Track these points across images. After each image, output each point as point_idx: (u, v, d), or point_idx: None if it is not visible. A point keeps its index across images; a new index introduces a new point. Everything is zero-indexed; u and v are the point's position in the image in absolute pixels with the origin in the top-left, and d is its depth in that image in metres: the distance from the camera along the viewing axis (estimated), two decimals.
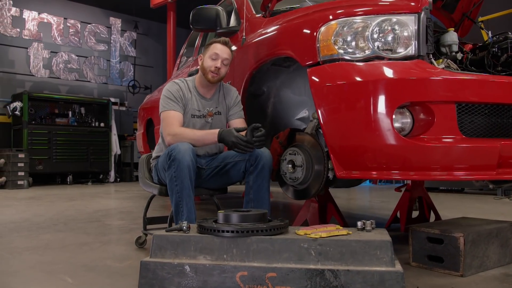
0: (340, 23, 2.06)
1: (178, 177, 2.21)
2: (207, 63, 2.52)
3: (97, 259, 2.40)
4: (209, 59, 2.51)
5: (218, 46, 2.52)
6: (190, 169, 2.21)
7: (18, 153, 7.48)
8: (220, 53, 2.50)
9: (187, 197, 2.23)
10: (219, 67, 2.49)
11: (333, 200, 3.00)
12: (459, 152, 1.87)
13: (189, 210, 2.24)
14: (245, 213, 1.81)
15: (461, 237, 2.00)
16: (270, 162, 2.39)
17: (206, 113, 2.59)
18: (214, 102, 2.63)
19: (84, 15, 9.55)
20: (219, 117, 2.64)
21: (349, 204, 5.34)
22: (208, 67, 2.51)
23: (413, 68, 1.92)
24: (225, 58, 2.51)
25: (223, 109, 2.65)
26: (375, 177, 2.02)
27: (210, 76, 2.52)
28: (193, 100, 2.56)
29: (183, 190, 2.22)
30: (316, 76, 2.10)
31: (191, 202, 2.24)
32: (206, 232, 1.76)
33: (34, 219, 3.88)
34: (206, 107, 2.59)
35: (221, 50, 2.50)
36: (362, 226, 1.82)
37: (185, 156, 2.19)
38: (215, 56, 2.50)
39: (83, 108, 9.00)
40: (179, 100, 2.51)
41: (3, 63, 8.43)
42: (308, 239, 1.65)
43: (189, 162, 2.20)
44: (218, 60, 2.49)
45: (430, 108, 1.86)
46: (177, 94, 2.51)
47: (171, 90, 2.52)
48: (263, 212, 1.84)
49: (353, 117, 1.97)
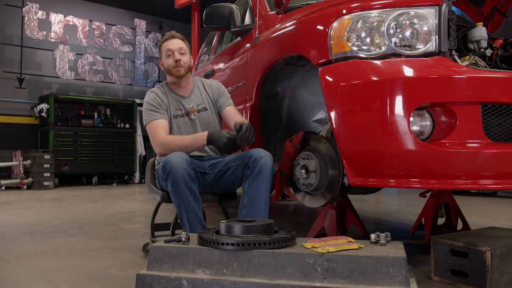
0: (354, 18, 1.90)
1: (176, 192, 2.12)
2: (166, 63, 2.49)
3: (102, 267, 2.32)
4: (166, 58, 2.49)
5: (167, 42, 2.49)
6: (187, 180, 2.10)
7: (44, 154, 7.57)
8: (172, 47, 2.47)
9: (187, 211, 2.14)
10: (178, 58, 2.45)
11: (352, 206, 2.84)
12: (485, 158, 1.69)
13: (191, 224, 2.14)
14: (248, 224, 1.68)
15: (487, 251, 1.81)
16: (269, 165, 2.23)
17: (187, 110, 2.51)
18: (194, 99, 2.55)
19: (109, 16, 9.61)
20: (206, 113, 2.54)
21: (376, 208, 5.14)
22: (169, 65, 2.47)
23: (433, 66, 1.75)
24: (179, 48, 2.47)
25: (209, 104, 2.57)
26: (392, 186, 1.85)
27: (175, 71, 2.47)
28: (171, 102, 2.51)
29: (181, 205, 2.13)
30: (327, 75, 1.95)
31: (193, 214, 2.14)
32: (206, 244, 1.64)
33: (51, 222, 3.85)
34: (186, 105, 2.52)
35: (171, 43, 2.48)
36: (376, 239, 1.66)
37: (179, 169, 2.09)
38: (169, 52, 2.47)
39: (108, 109, 9.05)
40: (159, 107, 2.45)
41: (31, 65, 8.56)
42: (314, 254, 1.51)
43: (184, 174, 2.09)
44: (174, 53, 2.46)
45: (452, 110, 1.69)
46: (155, 102, 2.46)
47: (148, 100, 2.49)
48: (268, 223, 1.71)
49: (367, 119, 1.81)
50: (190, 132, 2.46)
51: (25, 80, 8.45)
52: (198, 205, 2.16)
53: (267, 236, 1.61)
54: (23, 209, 4.82)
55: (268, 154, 2.25)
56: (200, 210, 2.17)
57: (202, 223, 2.18)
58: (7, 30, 8.31)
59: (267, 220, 1.76)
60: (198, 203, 2.16)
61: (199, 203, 2.18)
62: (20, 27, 8.37)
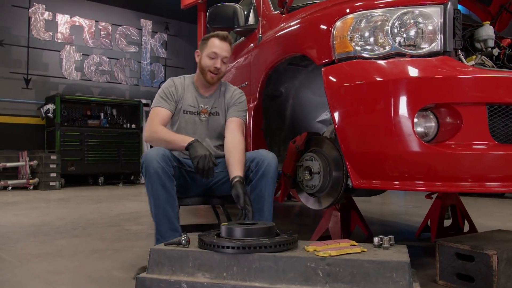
0: (357, 17, 1.87)
1: (147, 185, 2.03)
2: (205, 62, 2.32)
3: (103, 269, 2.30)
4: (207, 58, 2.31)
5: (217, 42, 2.30)
6: (160, 175, 1.99)
7: (50, 154, 7.58)
8: (219, 51, 2.29)
9: (155, 207, 2.02)
10: (218, 67, 2.30)
11: (357, 208, 2.81)
12: (491, 160, 1.65)
13: (157, 221, 2.03)
14: (249, 227, 1.65)
15: (494, 255, 1.77)
16: (272, 167, 2.11)
17: (200, 110, 2.39)
18: (212, 101, 2.42)
19: (115, 17, 9.62)
20: (217, 118, 2.42)
21: (382, 209, 5.09)
22: (207, 66, 2.32)
23: (438, 66, 1.71)
24: (224, 56, 2.31)
25: (221, 109, 2.43)
26: (397, 188, 1.81)
27: (209, 76, 2.33)
28: (187, 96, 2.38)
29: (151, 199, 2.03)
30: (330, 76, 1.92)
31: (161, 212, 2.02)
32: (206, 247, 1.61)
33: (55, 223, 3.85)
34: (201, 104, 2.39)
35: (220, 47, 2.29)
36: (379, 243, 1.63)
37: (153, 162, 1.99)
38: (213, 55, 2.30)
39: (114, 110, 9.05)
40: (170, 96, 2.34)
41: (37, 66, 8.58)
42: (316, 258, 1.48)
43: (157, 168, 1.99)
44: (218, 59, 2.30)
45: (457, 111, 1.65)
46: (168, 91, 2.35)
47: (164, 88, 2.38)
48: (269, 225, 1.68)
49: (371, 120, 1.78)
50: (196, 132, 2.37)
51: (31, 80, 8.48)
52: (171, 204, 2.03)
53: (268, 239, 1.59)
54: (29, 210, 4.82)
55: (272, 155, 2.15)
56: (173, 210, 2.04)
57: (172, 222, 2.04)
58: (14, 31, 8.34)
59: (268, 223, 1.73)
60: (171, 202, 2.04)
61: (173, 203, 2.05)
62: (27, 28, 8.39)
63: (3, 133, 8.04)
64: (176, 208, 2.06)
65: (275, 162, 2.14)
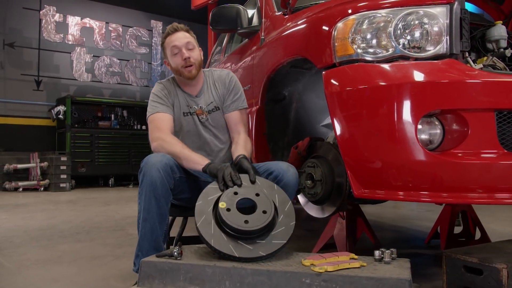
0: (358, 18, 1.78)
1: (141, 193, 1.85)
2: (174, 62, 2.14)
3: (101, 278, 2.26)
4: (173, 57, 2.14)
5: (171, 38, 2.13)
6: (157, 186, 1.80)
7: (60, 156, 7.61)
8: (177, 42, 2.11)
9: (144, 220, 1.83)
10: (187, 56, 2.10)
11: (363, 214, 2.73)
12: (500, 170, 1.55)
13: (142, 235, 1.86)
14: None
15: (503, 269, 1.67)
16: (292, 185, 1.92)
17: (194, 111, 2.20)
18: (203, 98, 2.23)
19: (126, 18, 9.63)
20: (218, 114, 2.23)
21: (393, 213, 4.97)
22: (178, 64, 2.13)
23: (443, 70, 1.61)
24: (186, 43, 2.11)
25: (218, 102, 2.24)
26: (401, 199, 1.72)
27: (186, 72, 2.13)
28: (179, 99, 2.21)
29: (141, 210, 1.85)
30: (331, 80, 1.84)
31: (149, 226, 1.84)
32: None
33: (60, 226, 3.83)
34: (193, 105, 2.21)
35: (176, 38, 2.11)
36: (380, 256, 1.55)
37: (152, 170, 1.81)
38: (176, 50, 2.12)
39: (125, 111, 9.06)
40: (165, 98, 2.16)
41: (48, 68, 8.63)
42: (312, 273, 1.41)
43: (156, 177, 1.80)
44: (182, 50, 2.11)
45: (463, 117, 1.55)
46: (161, 93, 2.17)
47: (155, 92, 2.19)
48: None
49: (372, 126, 1.69)
50: (201, 135, 2.21)
51: (42, 82, 8.54)
52: (161, 221, 1.85)
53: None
54: (36, 212, 4.82)
55: (293, 171, 1.94)
56: (162, 228, 1.87)
57: (157, 241, 1.87)
58: (25, 33, 8.39)
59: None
60: (162, 218, 1.85)
61: (163, 219, 1.87)
62: (38, 30, 8.45)
63: (14, 134, 8.09)
64: (165, 226, 1.89)
65: (295, 179, 1.94)
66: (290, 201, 1.75)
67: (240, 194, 1.72)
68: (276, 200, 1.73)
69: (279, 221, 1.67)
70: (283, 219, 1.68)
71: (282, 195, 1.77)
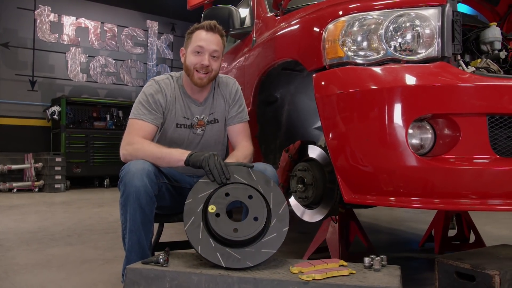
0: (349, 20, 1.75)
1: (125, 204, 1.73)
2: (190, 60, 1.93)
3: (90, 282, 2.22)
4: (192, 55, 1.92)
5: (203, 34, 1.90)
6: (141, 195, 1.68)
7: (55, 157, 7.55)
8: (205, 45, 1.89)
9: (130, 232, 1.74)
10: (206, 64, 1.90)
11: (356, 218, 2.69)
12: (493, 176, 1.52)
13: (129, 247, 1.76)
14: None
15: (496, 275, 1.65)
16: (274, 180, 1.81)
17: (195, 123, 2.02)
18: (208, 107, 2.05)
19: (121, 18, 9.56)
20: (216, 126, 2.08)
21: (388, 215, 4.94)
22: (192, 64, 1.92)
23: (435, 73, 1.58)
24: (213, 50, 1.91)
25: (221, 114, 2.08)
26: (392, 205, 1.69)
27: (196, 78, 1.92)
28: (179, 104, 2.00)
29: (126, 222, 1.74)
30: (321, 82, 1.81)
31: (135, 238, 1.74)
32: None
33: (51, 229, 3.79)
34: (196, 114, 2.02)
35: (207, 39, 1.89)
36: (370, 263, 1.52)
37: (135, 179, 1.69)
38: (199, 49, 1.90)
39: (120, 112, 8.99)
40: (156, 107, 1.95)
41: (43, 68, 8.57)
42: (299, 281, 1.37)
43: (140, 187, 1.68)
44: (205, 55, 1.90)
45: (455, 122, 1.53)
46: (154, 99, 1.94)
47: (148, 94, 1.95)
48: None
49: (362, 131, 1.66)
50: (191, 146, 2.05)
51: (37, 82, 8.47)
52: (146, 230, 1.76)
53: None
54: (29, 214, 4.77)
55: (270, 169, 1.87)
56: (147, 237, 1.78)
57: (144, 251, 1.78)
58: (20, 33, 8.32)
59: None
60: (147, 227, 1.76)
61: (149, 228, 1.78)
62: (32, 30, 8.38)
63: (8, 135, 8.03)
64: (151, 234, 1.81)
65: (274, 174, 1.88)
66: (285, 202, 1.68)
67: (232, 196, 1.64)
68: (271, 200, 1.65)
69: (272, 226, 1.60)
70: (275, 223, 1.60)
71: (278, 194, 1.67)
